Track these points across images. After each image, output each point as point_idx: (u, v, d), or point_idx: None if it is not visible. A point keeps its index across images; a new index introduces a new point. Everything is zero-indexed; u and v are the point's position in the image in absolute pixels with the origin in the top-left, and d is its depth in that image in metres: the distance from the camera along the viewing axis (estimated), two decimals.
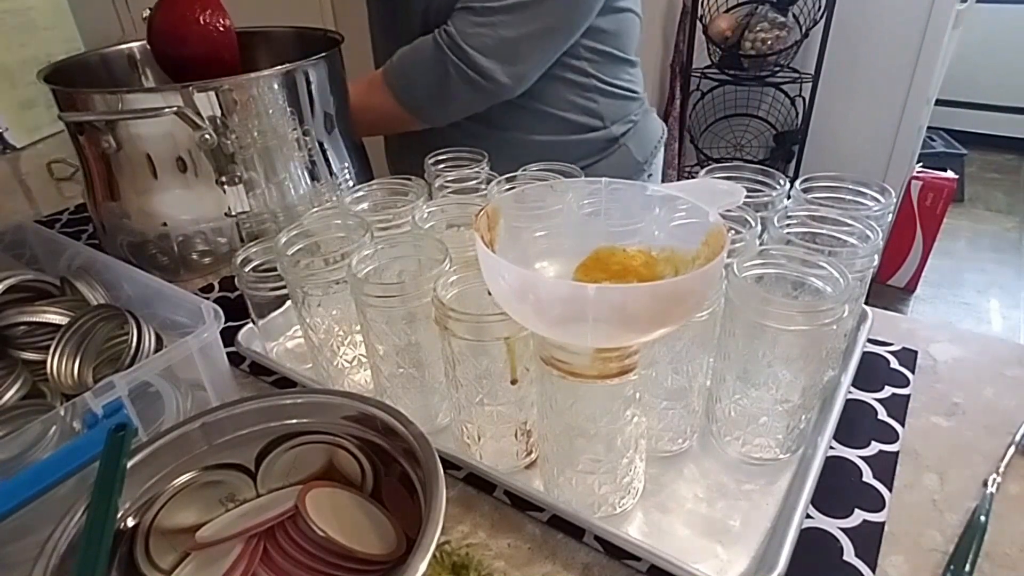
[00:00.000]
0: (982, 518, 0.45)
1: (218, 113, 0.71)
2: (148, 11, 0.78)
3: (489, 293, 0.43)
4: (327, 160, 0.83)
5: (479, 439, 0.49)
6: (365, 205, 0.63)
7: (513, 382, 0.46)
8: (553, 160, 0.63)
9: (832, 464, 0.49)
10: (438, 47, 0.79)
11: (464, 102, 0.82)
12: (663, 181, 1.10)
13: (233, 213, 0.77)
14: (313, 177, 0.82)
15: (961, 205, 2.95)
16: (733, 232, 0.50)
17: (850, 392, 0.55)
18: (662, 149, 1.02)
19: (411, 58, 0.82)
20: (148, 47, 0.82)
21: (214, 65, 0.80)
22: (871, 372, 0.58)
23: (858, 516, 0.45)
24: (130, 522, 0.39)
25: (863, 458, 0.50)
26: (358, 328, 0.54)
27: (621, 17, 0.88)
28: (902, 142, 2.05)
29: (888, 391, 0.57)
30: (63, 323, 0.55)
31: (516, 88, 0.82)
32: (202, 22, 0.78)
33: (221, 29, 0.79)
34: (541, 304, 0.35)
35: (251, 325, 0.63)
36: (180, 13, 0.78)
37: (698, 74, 2.24)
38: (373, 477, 0.43)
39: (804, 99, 2.16)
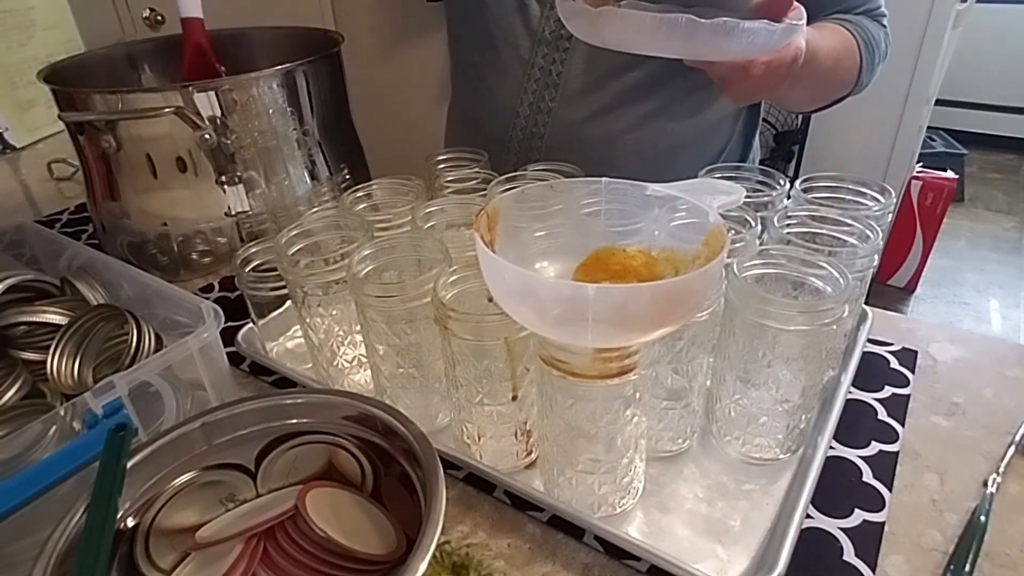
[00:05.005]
0: (982, 518, 0.45)
1: (218, 113, 0.71)
2: (148, 11, 0.78)
3: (490, 299, 0.43)
4: (327, 160, 0.83)
5: (479, 439, 0.49)
6: (365, 205, 0.63)
7: (514, 398, 0.46)
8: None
9: (832, 464, 0.49)
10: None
11: None
12: None
13: (233, 213, 0.77)
14: (313, 177, 0.82)
15: (961, 205, 2.95)
16: (733, 232, 0.50)
17: (850, 392, 0.55)
18: None
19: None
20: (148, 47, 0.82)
21: None
22: (871, 372, 0.58)
23: (858, 516, 0.45)
24: (130, 522, 0.39)
25: (863, 458, 0.50)
26: (358, 328, 0.54)
27: None
28: (902, 142, 2.05)
29: (888, 391, 0.57)
30: (63, 323, 0.55)
31: None
32: None
33: None
34: (541, 304, 0.35)
35: (251, 325, 0.63)
36: None
37: None
38: (373, 477, 0.43)
39: None
